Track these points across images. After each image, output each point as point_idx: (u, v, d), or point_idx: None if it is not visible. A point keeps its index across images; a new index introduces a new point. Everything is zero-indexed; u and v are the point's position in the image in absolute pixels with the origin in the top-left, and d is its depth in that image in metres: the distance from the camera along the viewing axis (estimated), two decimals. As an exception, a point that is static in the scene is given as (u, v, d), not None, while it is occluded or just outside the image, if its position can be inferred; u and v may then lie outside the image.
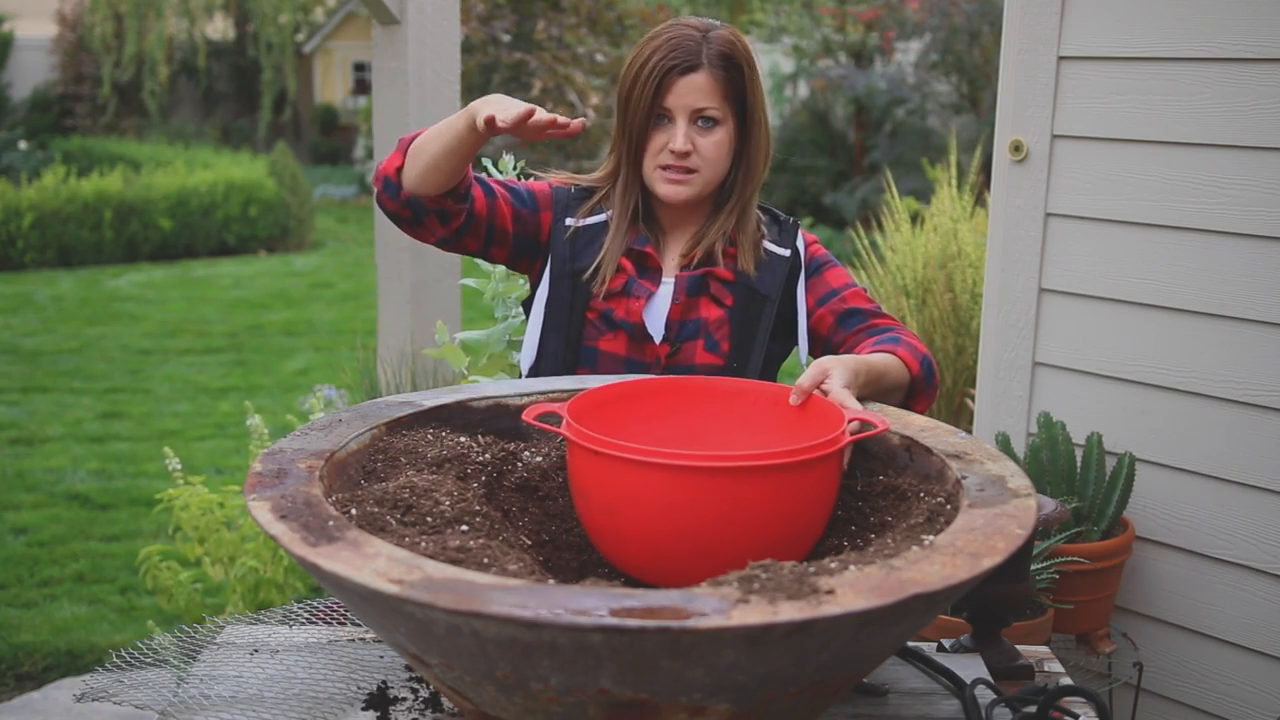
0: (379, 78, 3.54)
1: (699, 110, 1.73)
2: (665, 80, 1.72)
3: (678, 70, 1.72)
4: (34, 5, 15.96)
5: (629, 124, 1.76)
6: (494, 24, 10.77)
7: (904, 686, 1.43)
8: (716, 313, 1.79)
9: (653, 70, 1.72)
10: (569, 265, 1.80)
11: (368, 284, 9.08)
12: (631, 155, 1.78)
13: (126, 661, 1.54)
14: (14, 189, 9.86)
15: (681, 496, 1.23)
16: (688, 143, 1.73)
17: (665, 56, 1.72)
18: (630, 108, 1.75)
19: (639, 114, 1.74)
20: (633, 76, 1.75)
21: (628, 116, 1.76)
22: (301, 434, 1.40)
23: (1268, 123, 2.25)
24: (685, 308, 1.78)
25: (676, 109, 1.73)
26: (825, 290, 1.83)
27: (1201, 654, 2.45)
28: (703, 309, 1.79)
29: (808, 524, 1.30)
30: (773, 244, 1.83)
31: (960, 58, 10.10)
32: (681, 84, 1.72)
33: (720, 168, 1.78)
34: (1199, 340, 2.38)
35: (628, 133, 1.77)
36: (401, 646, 1.12)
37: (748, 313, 1.79)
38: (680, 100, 1.73)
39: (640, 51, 1.75)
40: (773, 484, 1.23)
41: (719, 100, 1.74)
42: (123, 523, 4.46)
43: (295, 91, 15.98)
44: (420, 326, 3.54)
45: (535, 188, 1.85)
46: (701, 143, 1.74)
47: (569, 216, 1.83)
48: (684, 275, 1.79)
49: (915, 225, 4.32)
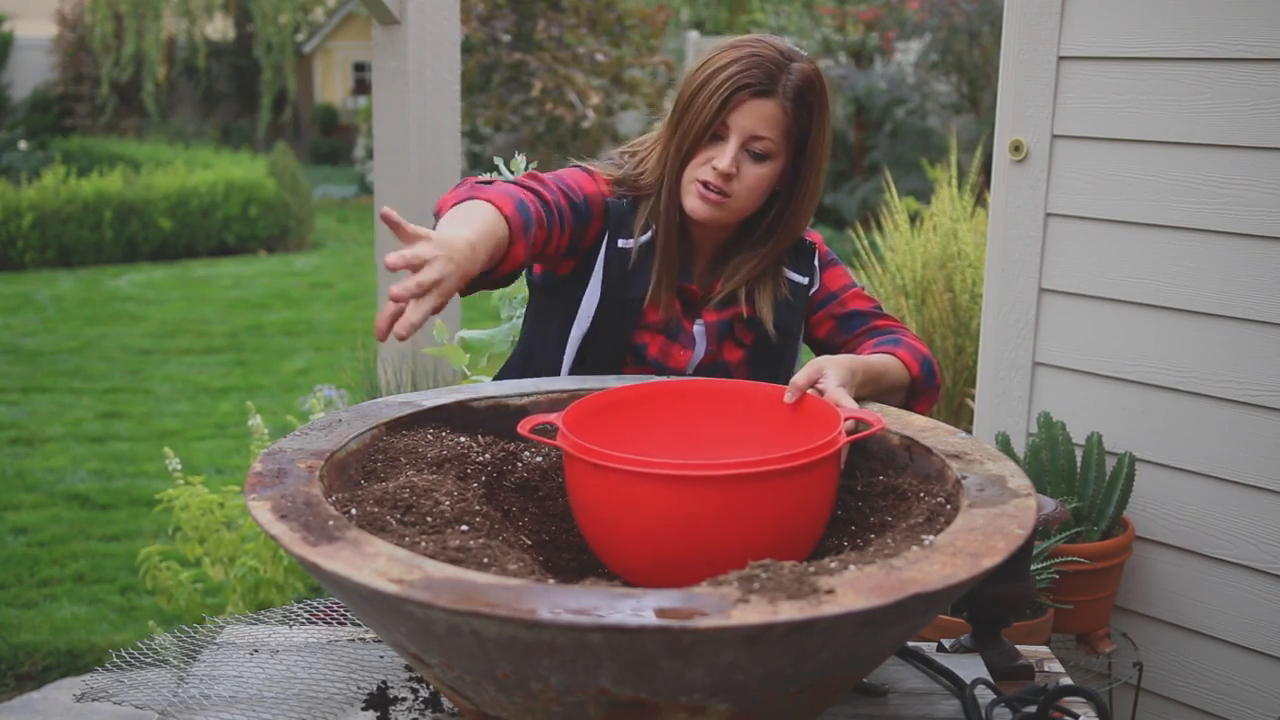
0: (379, 78, 3.54)
1: (756, 138, 1.65)
2: (734, 96, 1.63)
3: (750, 91, 1.63)
4: (34, 5, 15.96)
5: (685, 129, 1.67)
6: (494, 24, 10.77)
7: (904, 686, 1.43)
8: (738, 354, 1.77)
9: (724, 83, 1.63)
10: (620, 291, 1.72)
11: (368, 284, 9.08)
12: (676, 160, 1.69)
13: (126, 661, 1.54)
14: (14, 189, 9.86)
15: (679, 505, 1.23)
16: (734, 165, 1.65)
17: (742, 72, 1.63)
18: (691, 114, 1.66)
19: (698, 123, 1.65)
20: (701, 82, 1.66)
21: (685, 121, 1.67)
22: (301, 434, 1.40)
23: (1268, 123, 2.25)
24: (714, 354, 1.76)
25: (734, 129, 1.65)
26: (825, 294, 1.81)
27: (1201, 654, 2.45)
28: (726, 352, 1.77)
29: (808, 526, 1.30)
30: (792, 271, 1.79)
31: (960, 58, 10.10)
32: (749, 106, 1.64)
33: (753, 202, 1.70)
34: (1199, 340, 2.38)
35: (680, 138, 1.68)
36: (401, 646, 1.12)
37: (770, 351, 1.78)
38: (741, 122, 1.64)
39: (716, 57, 1.67)
40: (771, 489, 1.23)
41: (779, 135, 1.66)
42: (123, 523, 4.46)
43: (295, 91, 15.99)
44: (421, 326, 3.53)
45: (590, 193, 1.72)
46: (746, 170, 1.66)
47: (621, 237, 1.73)
48: (713, 322, 1.75)
49: (915, 225, 4.32)
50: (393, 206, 3.79)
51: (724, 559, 1.19)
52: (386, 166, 3.54)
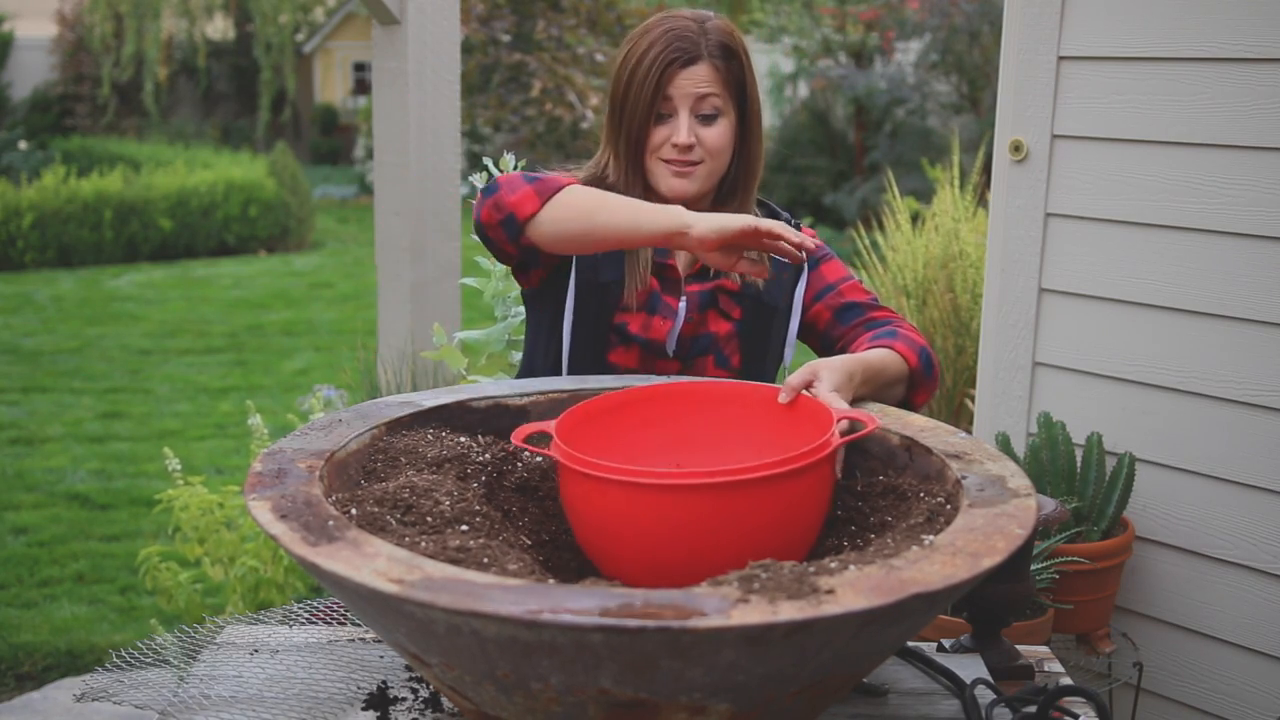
0: (379, 78, 3.54)
1: (701, 101, 1.70)
2: (666, 74, 1.68)
3: (679, 63, 1.68)
4: (34, 5, 15.96)
5: (628, 121, 1.72)
6: (494, 24, 10.77)
7: (904, 686, 1.43)
8: (725, 327, 1.77)
9: (652, 64, 1.68)
10: (594, 277, 1.75)
11: (368, 284, 9.07)
12: (631, 152, 1.73)
13: (126, 661, 1.54)
14: (14, 189, 9.86)
15: (673, 513, 1.22)
16: (691, 135, 1.70)
17: (664, 50, 1.68)
18: (629, 103, 1.71)
19: (639, 109, 1.70)
20: (629, 71, 1.70)
21: (625, 112, 1.72)
22: (301, 434, 1.40)
23: (1268, 123, 2.25)
24: (696, 323, 1.76)
25: (678, 101, 1.70)
26: (822, 285, 1.81)
27: (1201, 654, 2.45)
28: (711, 323, 1.76)
29: (804, 528, 1.30)
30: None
31: (960, 58, 10.10)
32: (682, 76, 1.69)
33: (724, 159, 1.74)
34: (1199, 340, 2.38)
35: (626, 130, 1.72)
36: (401, 646, 1.12)
37: (756, 325, 1.77)
38: (682, 92, 1.69)
39: (636, 45, 1.71)
40: (766, 494, 1.23)
41: (720, 89, 1.70)
42: (123, 523, 4.46)
43: (295, 91, 15.99)
44: (420, 327, 3.54)
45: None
46: (704, 134, 1.71)
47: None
48: (694, 291, 1.76)
49: (916, 225, 4.32)
50: (393, 206, 3.81)
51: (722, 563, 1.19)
52: (386, 166, 3.54)
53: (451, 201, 3.61)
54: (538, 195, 1.62)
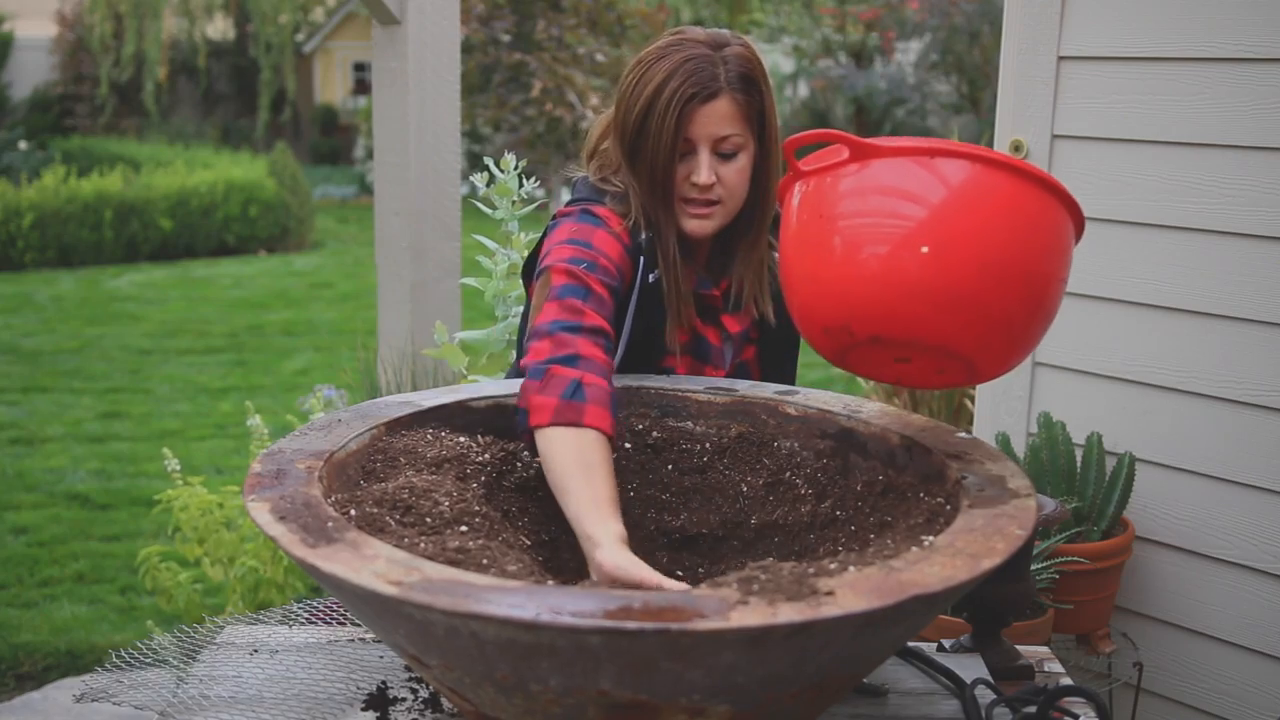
0: (379, 78, 3.54)
1: (722, 139, 1.62)
2: (685, 110, 1.59)
3: (698, 99, 1.60)
4: (34, 5, 15.97)
5: (650, 159, 1.63)
6: (494, 24, 10.77)
7: (904, 686, 1.43)
8: (752, 351, 1.79)
9: (670, 100, 1.59)
10: (651, 321, 1.70)
11: (368, 284, 9.07)
12: (660, 195, 1.65)
13: (126, 661, 1.54)
14: (14, 189, 9.86)
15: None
16: (712, 175, 1.63)
17: (683, 84, 1.59)
18: (649, 141, 1.62)
19: (663, 150, 1.61)
20: (646, 106, 1.61)
21: (646, 151, 1.63)
22: (301, 434, 1.40)
23: (1268, 123, 2.25)
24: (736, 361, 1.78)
25: (699, 140, 1.62)
26: None
27: (1201, 654, 2.44)
28: (744, 353, 1.79)
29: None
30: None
31: (960, 58, 10.10)
32: (703, 114, 1.60)
33: (743, 195, 1.68)
34: (1199, 340, 2.38)
35: (650, 170, 1.64)
36: (401, 647, 1.12)
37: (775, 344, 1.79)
38: (703, 130, 1.61)
39: (650, 75, 1.62)
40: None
41: (741, 126, 1.63)
42: (123, 523, 4.47)
43: (295, 91, 16.00)
44: (420, 326, 3.54)
45: (618, 256, 1.64)
46: (724, 172, 1.64)
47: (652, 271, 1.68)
48: (737, 333, 1.75)
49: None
50: (393, 206, 3.80)
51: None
52: (386, 166, 3.54)
53: (451, 201, 3.61)
54: (530, 429, 1.44)
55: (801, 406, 1.56)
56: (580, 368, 1.45)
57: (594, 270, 1.58)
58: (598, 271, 1.59)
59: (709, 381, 1.66)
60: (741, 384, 1.65)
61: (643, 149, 1.64)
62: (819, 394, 1.60)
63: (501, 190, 2.56)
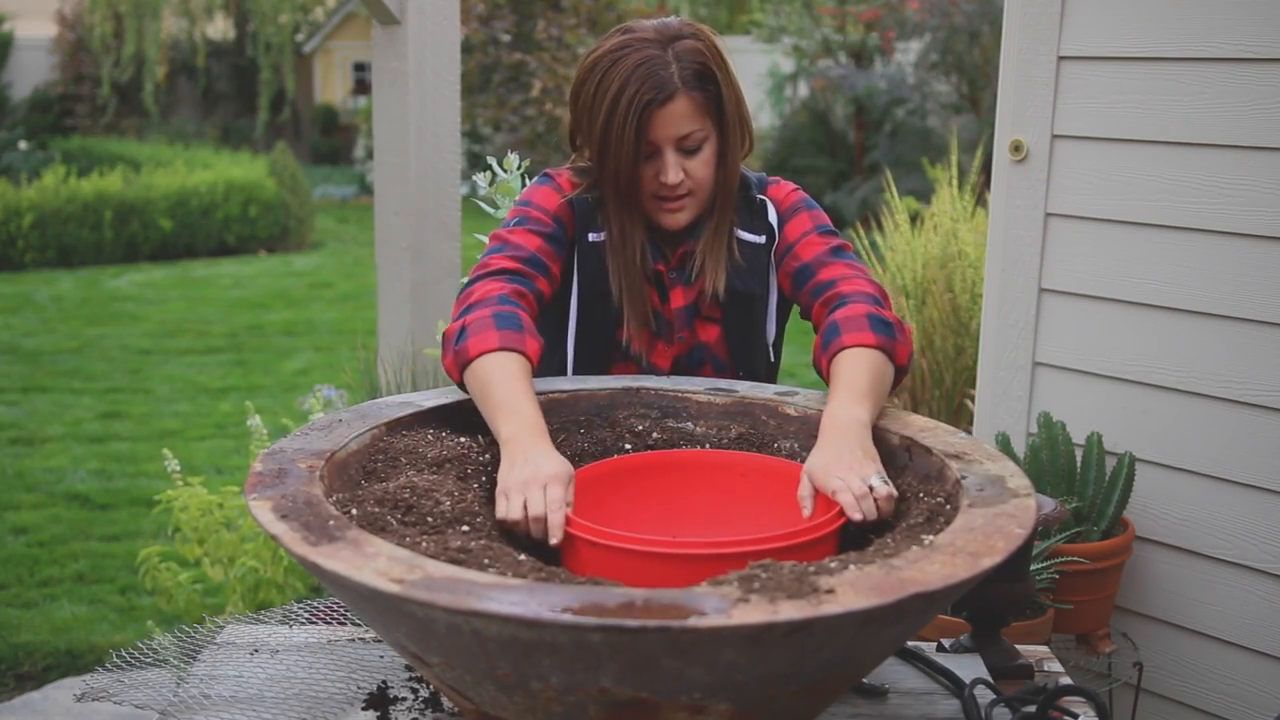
0: (379, 78, 3.54)
1: (684, 137, 1.64)
2: (644, 116, 1.61)
3: (655, 104, 1.61)
4: (34, 5, 15.97)
5: (614, 164, 1.64)
6: (494, 24, 10.78)
7: (904, 686, 1.43)
8: (714, 332, 1.76)
9: (629, 107, 1.60)
10: (598, 284, 1.72)
11: (368, 284, 9.07)
12: (624, 193, 1.67)
13: (126, 661, 1.54)
14: (14, 189, 9.85)
15: (676, 582, 1.17)
16: (679, 173, 1.65)
17: (638, 91, 1.60)
18: (612, 148, 1.63)
19: (625, 155, 1.63)
20: (605, 113, 1.62)
21: (608, 155, 1.64)
22: (302, 434, 1.40)
23: (1268, 123, 2.25)
24: (688, 340, 1.76)
25: (662, 141, 1.64)
26: (784, 246, 1.74)
27: (1201, 654, 2.45)
28: (700, 333, 1.76)
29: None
30: (746, 232, 1.75)
31: (960, 58, 10.09)
32: (661, 117, 1.62)
33: (711, 181, 1.70)
34: (1199, 340, 2.38)
35: (614, 173, 1.65)
36: (402, 646, 1.12)
37: (740, 321, 1.76)
38: (664, 133, 1.63)
39: (605, 81, 1.62)
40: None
41: (701, 120, 1.65)
42: (123, 523, 4.46)
43: (295, 91, 15.99)
44: (420, 326, 3.54)
45: (556, 208, 1.72)
46: (691, 166, 1.67)
47: (591, 230, 1.72)
48: (680, 309, 1.74)
49: (915, 225, 4.32)
50: (393, 206, 3.81)
51: None
52: (386, 166, 3.54)
53: (451, 201, 3.61)
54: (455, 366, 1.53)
55: (801, 407, 1.57)
56: (469, 314, 1.55)
57: (524, 223, 1.69)
58: (528, 223, 1.69)
59: (709, 382, 1.67)
60: (741, 385, 1.66)
61: (606, 157, 1.66)
62: (819, 395, 1.61)
63: (504, 189, 2.56)
